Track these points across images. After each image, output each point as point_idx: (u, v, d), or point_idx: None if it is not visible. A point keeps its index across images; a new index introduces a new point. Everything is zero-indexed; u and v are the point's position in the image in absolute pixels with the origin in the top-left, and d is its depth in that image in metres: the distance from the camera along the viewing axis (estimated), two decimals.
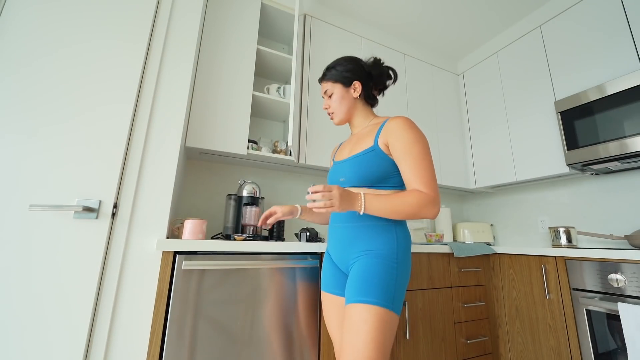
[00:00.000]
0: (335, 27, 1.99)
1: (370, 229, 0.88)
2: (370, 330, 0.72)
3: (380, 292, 0.77)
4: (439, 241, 1.98)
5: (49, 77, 1.00)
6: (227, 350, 1.02)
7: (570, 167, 1.67)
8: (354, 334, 0.73)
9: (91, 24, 1.09)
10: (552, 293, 1.44)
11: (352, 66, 1.00)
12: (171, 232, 1.21)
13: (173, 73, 1.19)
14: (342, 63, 1.01)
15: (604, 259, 1.28)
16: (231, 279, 1.08)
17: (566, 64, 1.75)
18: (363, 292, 0.77)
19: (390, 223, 0.88)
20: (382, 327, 0.73)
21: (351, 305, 0.78)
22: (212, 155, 1.57)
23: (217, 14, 1.60)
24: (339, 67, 1.01)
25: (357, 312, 0.75)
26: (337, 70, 1.01)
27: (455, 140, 2.34)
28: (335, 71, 1.01)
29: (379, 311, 0.74)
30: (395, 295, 0.78)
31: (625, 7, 1.53)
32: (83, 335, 0.90)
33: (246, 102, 1.57)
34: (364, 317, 0.74)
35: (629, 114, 1.41)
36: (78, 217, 0.96)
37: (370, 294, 0.76)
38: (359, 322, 0.74)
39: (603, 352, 1.23)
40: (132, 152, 1.07)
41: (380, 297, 0.76)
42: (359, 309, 0.75)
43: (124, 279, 0.98)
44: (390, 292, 0.77)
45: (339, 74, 1.00)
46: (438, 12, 2.02)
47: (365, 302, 0.76)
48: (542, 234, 2.02)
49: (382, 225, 0.88)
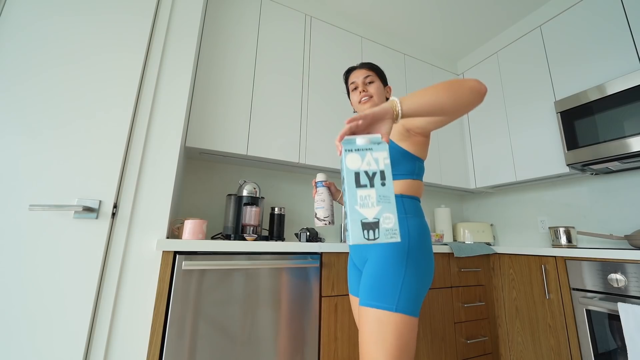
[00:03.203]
0: (335, 27, 1.99)
1: None
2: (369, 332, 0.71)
3: (381, 293, 0.73)
4: (439, 241, 1.98)
5: (49, 77, 1.00)
6: (227, 351, 1.02)
7: (570, 167, 1.67)
8: (360, 339, 0.74)
9: (91, 24, 1.09)
10: (552, 293, 1.44)
11: (383, 74, 1.07)
12: (171, 232, 1.20)
13: (173, 72, 1.19)
14: (378, 68, 1.06)
15: (604, 259, 1.28)
16: (231, 279, 1.08)
17: (566, 64, 1.75)
18: (366, 293, 0.75)
19: (401, 214, 0.81)
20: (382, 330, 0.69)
21: (360, 308, 0.77)
22: (212, 155, 1.57)
23: (217, 14, 1.60)
24: (377, 68, 1.06)
25: (363, 315, 0.74)
26: (377, 68, 1.05)
27: (455, 140, 2.34)
28: (377, 69, 1.05)
29: (378, 314, 0.71)
30: (401, 296, 0.72)
31: (625, 7, 1.53)
32: (83, 335, 0.90)
33: (246, 102, 1.57)
34: (364, 320, 0.73)
35: (629, 114, 1.41)
36: (78, 217, 0.96)
37: (372, 296, 0.74)
38: (363, 325, 0.73)
39: (603, 352, 1.23)
40: (132, 151, 1.07)
41: (380, 299, 0.72)
42: (363, 312, 0.74)
43: (124, 279, 0.98)
44: (395, 293, 0.72)
45: (379, 71, 1.05)
46: (438, 12, 2.02)
47: (367, 305, 0.74)
48: (542, 234, 2.02)
49: None
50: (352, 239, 0.50)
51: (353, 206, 0.53)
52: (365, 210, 0.53)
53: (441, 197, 2.57)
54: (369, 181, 0.54)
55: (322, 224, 0.98)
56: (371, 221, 0.52)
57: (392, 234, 0.51)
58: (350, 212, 0.52)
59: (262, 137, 1.58)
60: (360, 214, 0.52)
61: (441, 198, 2.57)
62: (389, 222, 0.52)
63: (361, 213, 0.52)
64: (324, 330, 1.19)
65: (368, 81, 1.01)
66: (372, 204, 0.52)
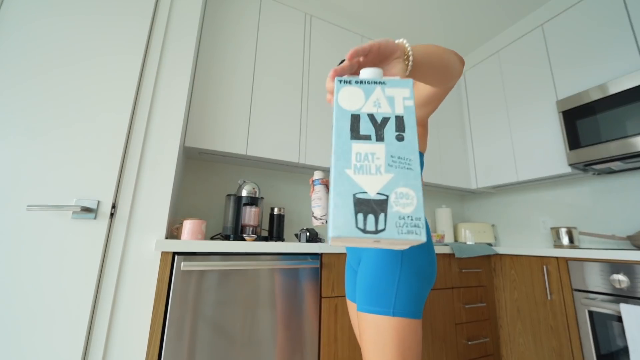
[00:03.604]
0: (335, 26, 1.98)
1: None
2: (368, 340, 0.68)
3: (377, 297, 0.69)
4: (440, 242, 1.98)
5: (47, 77, 1.00)
6: (226, 352, 1.02)
7: (572, 167, 1.66)
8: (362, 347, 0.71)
9: (90, 23, 1.08)
10: (553, 294, 1.43)
11: None
12: (170, 232, 1.20)
13: (172, 71, 1.18)
14: None
15: (606, 259, 1.27)
16: (230, 279, 1.07)
17: (568, 63, 1.74)
18: (362, 298, 0.72)
19: None
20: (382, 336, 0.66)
21: (358, 313, 0.74)
22: (211, 155, 1.56)
23: (217, 13, 1.59)
24: None
25: (361, 321, 0.71)
26: None
27: (456, 140, 2.33)
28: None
29: (375, 319, 0.68)
30: (398, 298, 0.68)
31: (628, 6, 1.52)
32: (81, 336, 0.89)
33: (246, 101, 1.56)
34: (363, 326, 0.70)
35: (631, 114, 1.40)
36: (76, 218, 0.95)
37: (368, 300, 0.71)
38: (362, 332, 0.71)
39: (605, 354, 1.22)
40: (130, 151, 1.06)
41: (377, 303, 0.69)
42: (361, 318, 0.72)
43: (123, 279, 0.98)
44: (391, 295, 0.69)
45: None
46: (439, 11, 2.01)
47: (364, 310, 0.71)
48: (544, 235, 2.01)
49: None
50: (335, 228, 0.28)
51: (342, 170, 0.30)
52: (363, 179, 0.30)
53: (442, 197, 2.56)
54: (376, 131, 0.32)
55: (319, 223, 0.97)
56: (374, 198, 0.29)
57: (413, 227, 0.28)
58: (336, 180, 0.29)
59: (262, 136, 1.57)
60: (353, 183, 0.29)
61: (442, 198, 2.56)
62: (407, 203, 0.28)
63: (355, 182, 0.29)
64: (323, 331, 1.18)
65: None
66: (378, 169, 0.30)
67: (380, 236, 0.27)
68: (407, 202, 0.28)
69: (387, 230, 0.27)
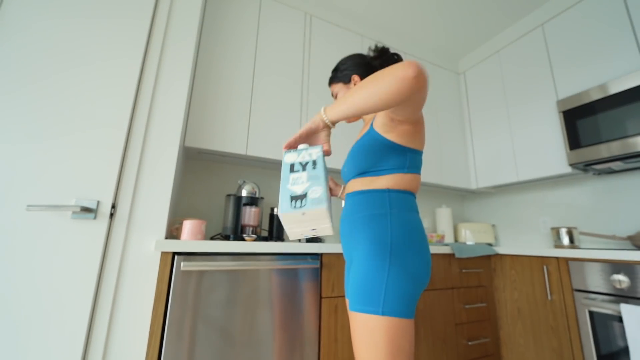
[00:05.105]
0: (335, 26, 1.98)
1: (364, 220, 0.78)
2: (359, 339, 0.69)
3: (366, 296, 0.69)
4: (439, 242, 1.97)
5: (46, 78, 0.99)
6: (226, 352, 1.02)
7: (572, 167, 1.65)
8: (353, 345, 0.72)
9: (89, 24, 1.08)
10: (554, 294, 1.43)
11: (350, 62, 0.99)
12: (170, 232, 1.20)
13: (172, 71, 1.18)
14: (342, 61, 1.01)
15: (606, 259, 1.27)
16: (230, 280, 1.07)
17: (568, 63, 1.74)
18: (353, 297, 0.72)
19: (385, 210, 0.77)
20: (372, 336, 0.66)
21: (349, 312, 0.74)
22: (211, 155, 1.56)
23: (217, 13, 1.59)
24: (340, 66, 1.01)
25: (352, 320, 0.72)
26: (338, 70, 1.01)
27: (456, 140, 2.33)
28: (337, 72, 1.01)
29: (365, 319, 0.68)
30: (387, 297, 0.67)
31: (628, 6, 1.52)
32: (81, 336, 0.89)
33: (246, 101, 1.56)
34: (354, 326, 0.71)
35: (631, 114, 1.40)
36: (76, 218, 0.95)
37: (358, 299, 0.70)
38: (353, 331, 0.71)
39: (606, 354, 1.22)
40: (130, 151, 1.06)
41: (366, 303, 0.68)
42: (352, 317, 0.72)
43: (122, 280, 0.97)
44: (380, 295, 0.68)
45: (339, 73, 1.00)
46: (439, 11, 2.01)
47: (354, 309, 0.71)
48: (544, 235, 2.01)
49: (373, 215, 0.77)
50: (281, 209, 0.56)
51: (285, 186, 0.59)
52: (295, 187, 0.59)
53: (442, 197, 2.56)
54: (302, 167, 0.62)
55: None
56: (299, 194, 0.57)
57: (319, 201, 0.55)
58: (282, 191, 0.59)
59: (262, 136, 1.57)
60: (290, 190, 0.58)
61: (442, 198, 2.56)
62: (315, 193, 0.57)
63: (291, 190, 0.58)
64: (324, 331, 1.18)
65: (334, 97, 1.03)
66: (302, 182, 0.59)
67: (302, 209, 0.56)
68: (316, 192, 0.57)
69: (307, 205, 0.56)
